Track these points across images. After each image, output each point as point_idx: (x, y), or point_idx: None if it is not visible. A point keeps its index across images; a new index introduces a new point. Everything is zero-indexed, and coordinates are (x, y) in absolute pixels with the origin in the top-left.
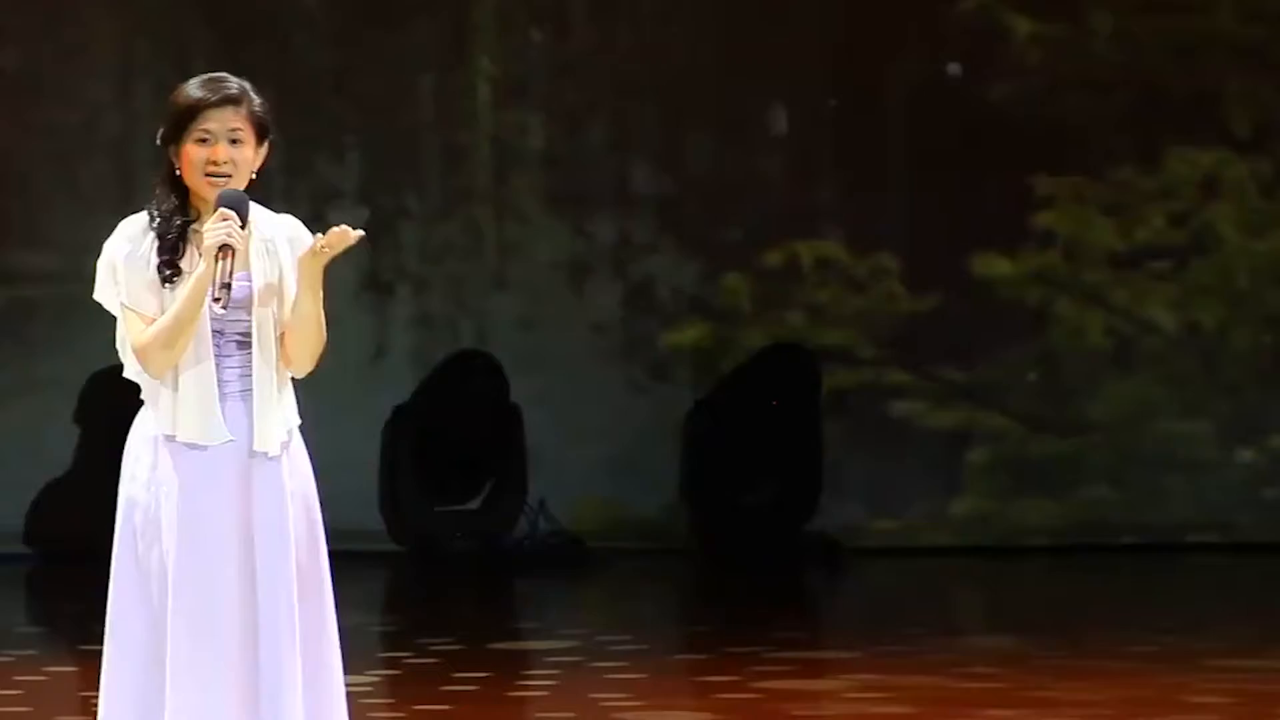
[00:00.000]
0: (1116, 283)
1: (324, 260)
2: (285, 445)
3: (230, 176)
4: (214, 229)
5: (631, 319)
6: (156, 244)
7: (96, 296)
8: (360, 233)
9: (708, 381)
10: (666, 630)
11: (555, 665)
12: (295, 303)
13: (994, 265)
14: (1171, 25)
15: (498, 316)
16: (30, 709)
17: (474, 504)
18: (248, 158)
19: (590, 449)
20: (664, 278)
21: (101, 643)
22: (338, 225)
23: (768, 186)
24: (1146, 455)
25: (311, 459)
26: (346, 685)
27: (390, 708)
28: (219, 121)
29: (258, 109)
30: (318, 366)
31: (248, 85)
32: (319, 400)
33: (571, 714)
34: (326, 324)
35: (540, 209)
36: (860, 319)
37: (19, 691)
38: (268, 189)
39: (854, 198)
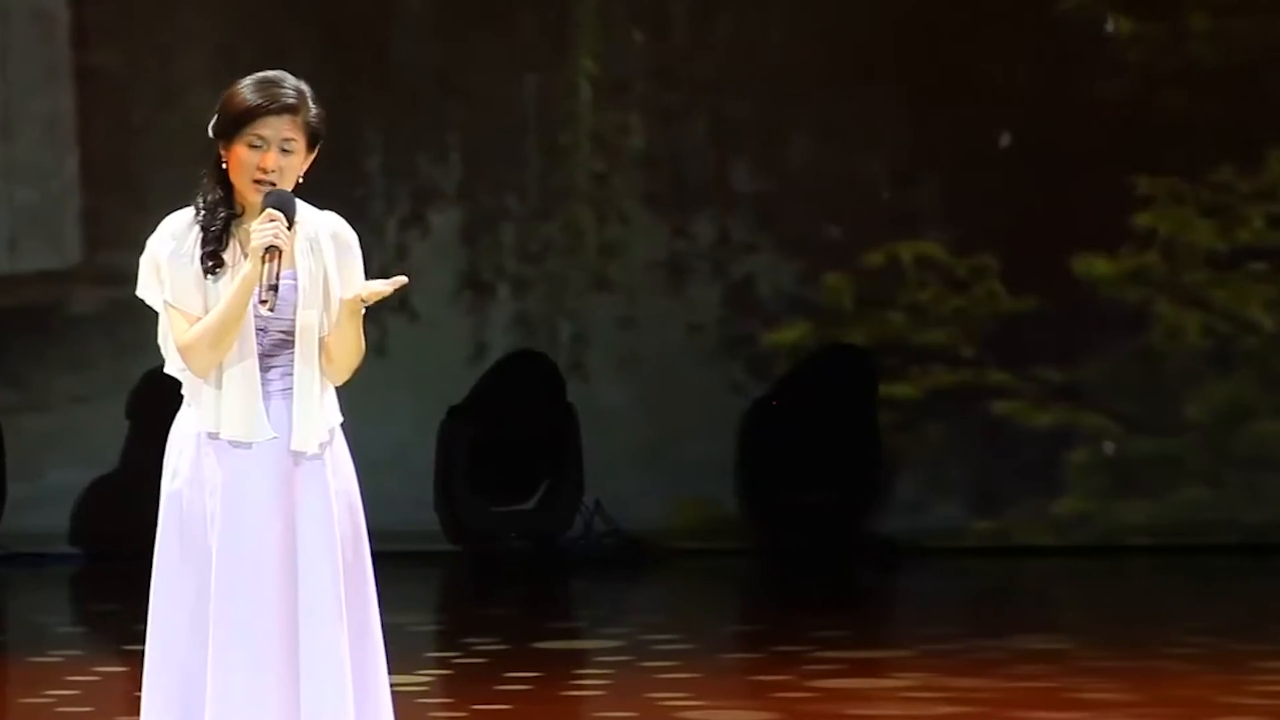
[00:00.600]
0: (1215, 283)
1: (365, 305)
2: (327, 444)
3: (275, 184)
4: (261, 230)
5: (731, 319)
6: (200, 237)
7: (139, 293)
8: (403, 279)
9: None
10: (719, 630)
11: (608, 665)
12: (336, 323)
13: (1093, 265)
14: (1271, 25)
15: (597, 316)
16: (91, 709)
17: (529, 504)
18: (296, 165)
19: (689, 449)
20: (764, 277)
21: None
22: (383, 281)
23: (868, 186)
24: (1244, 455)
25: (413, 458)
26: (402, 684)
27: (448, 707)
28: (273, 129)
29: (313, 118)
30: (356, 374)
31: (306, 90)
32: (420, 399)
33: (634, 714)
34: (426, 323)
35: (640, 208)
36: (960, 319)
37: (75, 691)
38: (370, 187)
39: (954, 198)
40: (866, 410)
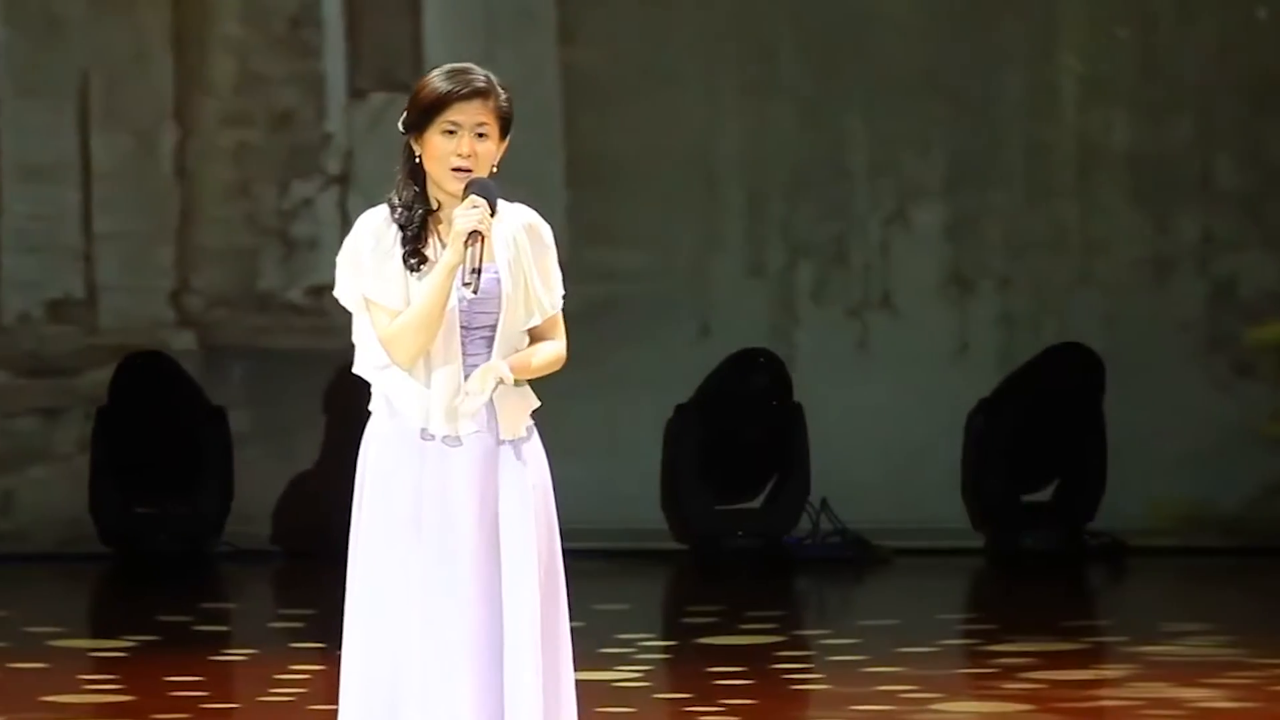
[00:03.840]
0: None
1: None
2: (531, 429)
3: (472, 170)
4: (465, 215)
5: (1215, 316)
6: (400, 235)
7: (335, 293)
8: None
9: None
10: (936, 626)
11: (830, 661)
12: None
13: None
14: None
15: (1081, 314)
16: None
17: (755, 502)
18: (491, 151)
19: (1174, 447)
20: (1248, 275)
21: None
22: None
23: None
24: None
25: (894, 452)
26: (615, 679)
27: (689, 702)
28: (466, 114)
29: (504, 103)
30: None
31: (494, 78)
32: (899, 394)
33: (889, 707)
34: (908, 320)
35: (1124, 205)
36: None
37: (304, 690)
38: (853, 184)
39: None
40: (1094, 409)
